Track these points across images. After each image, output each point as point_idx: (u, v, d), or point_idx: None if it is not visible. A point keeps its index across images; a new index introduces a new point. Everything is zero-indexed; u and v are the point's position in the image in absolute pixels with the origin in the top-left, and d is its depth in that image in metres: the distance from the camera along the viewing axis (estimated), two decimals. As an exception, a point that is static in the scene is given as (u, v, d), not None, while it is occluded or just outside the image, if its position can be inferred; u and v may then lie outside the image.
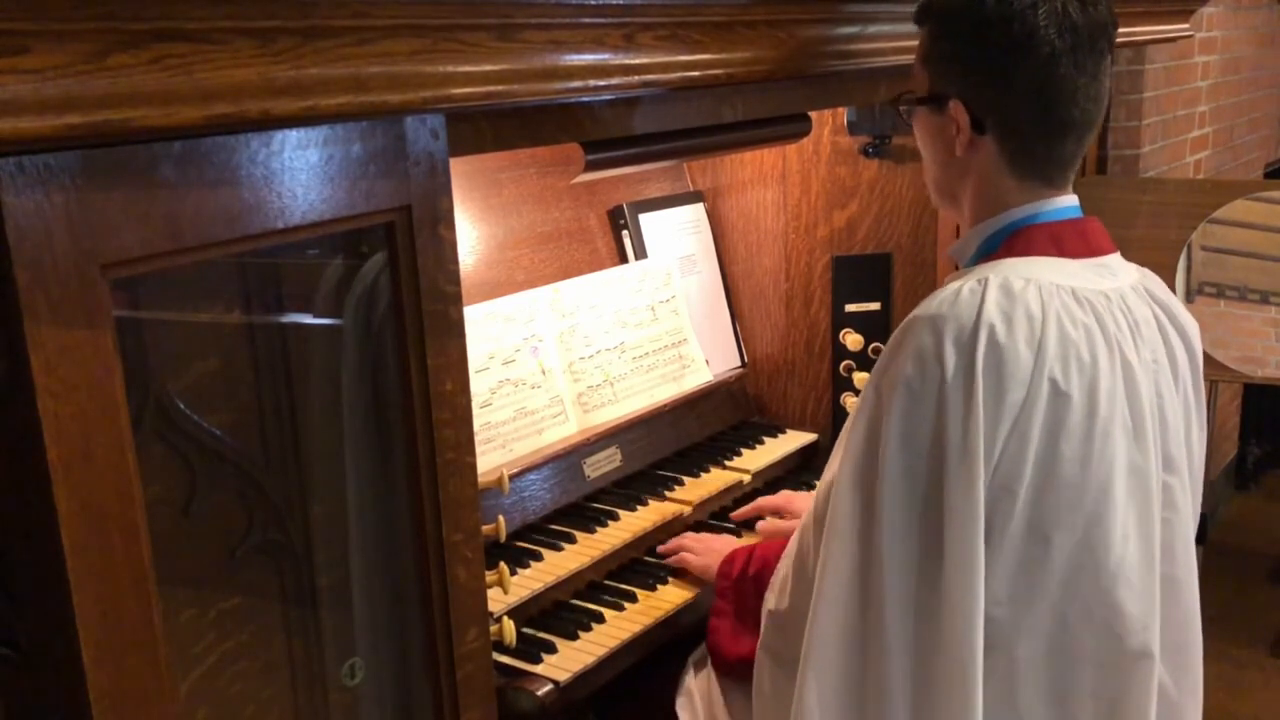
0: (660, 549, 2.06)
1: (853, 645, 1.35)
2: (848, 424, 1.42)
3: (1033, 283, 1.32)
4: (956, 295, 1.32)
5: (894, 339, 1.35)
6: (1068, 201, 1.44)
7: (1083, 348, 1.31)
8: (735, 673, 1.75)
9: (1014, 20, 1.32)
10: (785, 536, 2.05)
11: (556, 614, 1.87)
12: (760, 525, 2.13)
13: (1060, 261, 1.38)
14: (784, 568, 1.56)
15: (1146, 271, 1.50)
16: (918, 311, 1.34)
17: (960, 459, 1.28)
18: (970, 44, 1.37)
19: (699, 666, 1.88)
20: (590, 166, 1.84)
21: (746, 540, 2.04)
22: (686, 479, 2.25)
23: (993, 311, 1.29)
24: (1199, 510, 1.52)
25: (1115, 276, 1.42)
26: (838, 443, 1.46)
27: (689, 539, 2.04)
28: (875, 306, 2.49)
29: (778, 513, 2.13)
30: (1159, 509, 1.41)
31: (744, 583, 1.77)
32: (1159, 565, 1.41)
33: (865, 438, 1.35)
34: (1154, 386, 1.40)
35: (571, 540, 2.00)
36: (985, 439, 1.27)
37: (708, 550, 1.96)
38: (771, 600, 1.57)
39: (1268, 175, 4.90)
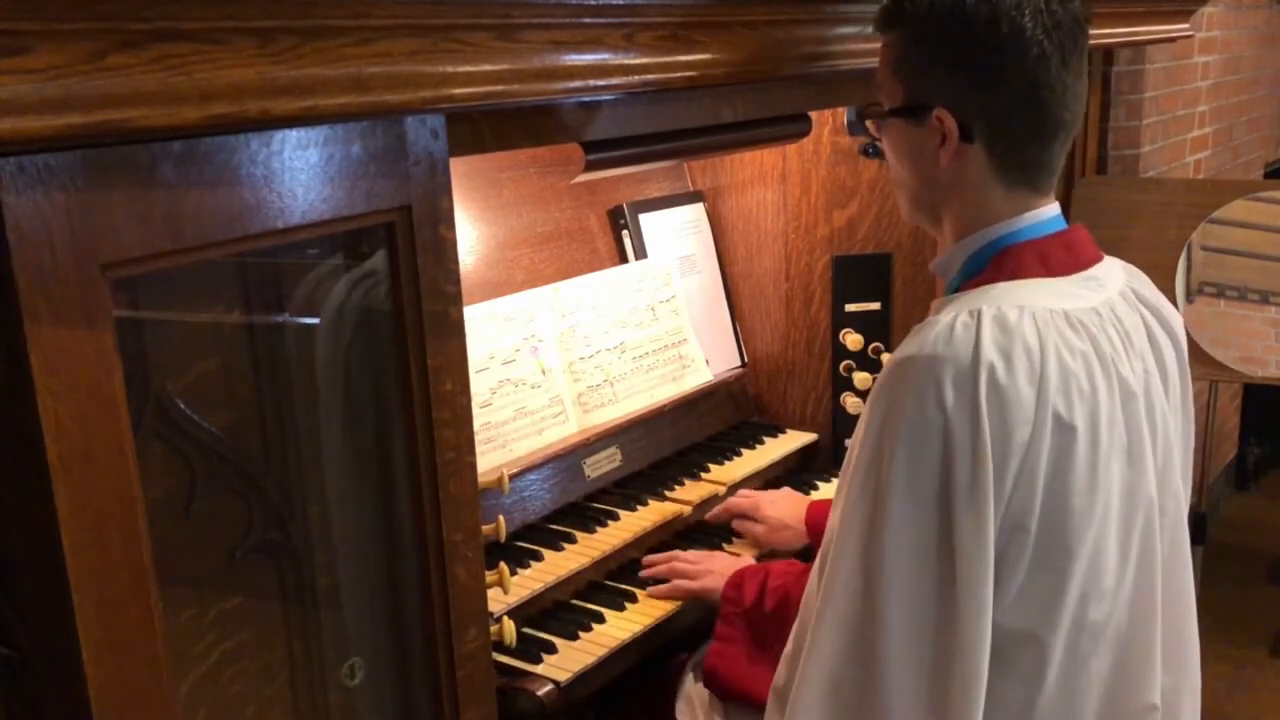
0: (645, 563, 1.99)
1: (843, 695, 1.31)
2: (845, 472, 1.36)
3: (1027, 311, 1.28)
4: (951, 332, 1.26)
5: (888, 380, 1.30)
6: (1051, 212, 1.40)
7: (1082, 377, 1.28)
8: (732, 702, 1.71)
9: (1000, 20, 1.28)
10: (760, 540, 2.05)
11: (556, 614, 1.87)
12: (737, 525, 2.12)
13: (1049, 282, 1.34)
14: (794, 642, 1.46)
15: (1132, 269, 1.47)
16: (910, 351, 1.28)
17: (969, 502, 1.24)
18: (955, 47, 1.32)
19: (699, 673, 1.87)
20: (590, 166, 1.83)
21: (744, 557, 2.00)
22: (686, 479, 2.25)
23: (990, 349, 1.24)
24: (1189, 495, 1.51)
25: (1104, 288, 1.39)
26: (836, 492, 1.40)
27: (682, 559, 1.96)
28: (875, 306, 2.49)
29: (749, 516, 2.11)
30: (1159, 528, 1.39)
31: (760, 616, 1.71)
32: (1159, 583, 1.40)
33: (862, 487, 1.30)
34: (1147, 396, 1.38)
35: (571, 540, 2.00)
36: (995, 479, 1.24)
37: (707, 572, 1.89)
38: (782, 675, 1.46)
39: (1268, 175, 4.90)
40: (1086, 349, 1.30)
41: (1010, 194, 1.37)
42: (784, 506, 2.09)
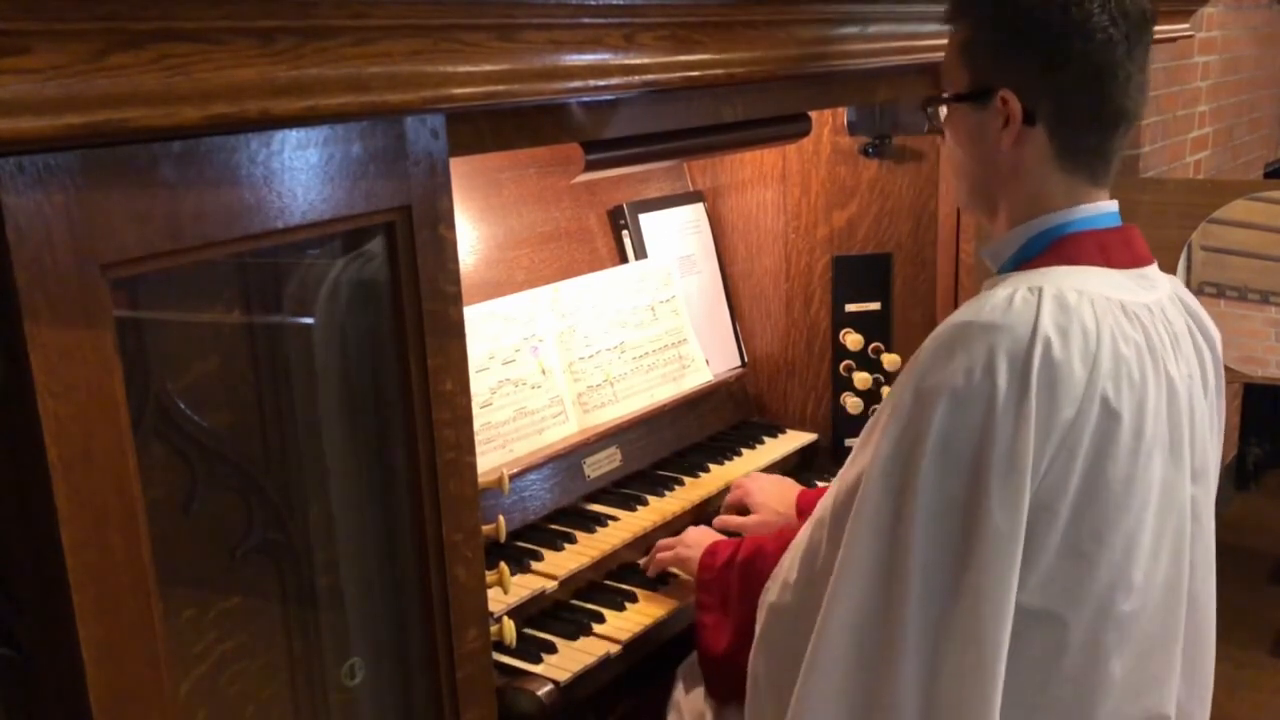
0: (641, 563, 2.00)
1: (865, 650, 1.31)
2: (875, 422, 1.36)
3: (1086, 296, 1.28)
4: (1009, 303, 1.27)
5: (940, 342, 1.29)
6: (1110, 207, 1.41)
7: (1134, 366, 1.28)
8: (725, 678, 1.69)
9: (1070, 6, 1.31)
10: (750, 530, 2.03)
11: (556, 614, 1.87)
12: (717, 520, 2.09)
13: (1107, 272, 1.35)
14: (789, 560, 1.50)
15: (1175, 279, 1.47)
16: (968, 316, 1.29)
17: (1006, 474, 1.24)
18: (1024, 30, 1.34)
19: (688, 681, 1.85)
20: (590, 166, 1.84)
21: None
22: (686, 479, 2.25)
23: (1048, 324, 1.25)
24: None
25: (1155, 288, 1.39)
26: (860, 442, 1.40)
27: (662, 541, 1.99)
28: (875, 306, 2.49)
29: (744, 510, 2.10)
30: (1189, 527, 1.39)
31: (730, 570, 1.72)
32: (1185, 588, 1.39)
33: (898, 440, 1.29)
34: (1189, 400, 1.37)
35: (572, 540, 2.00)
36: (1034, 455, 1.24)
37: (681, 543, 1.92)
38: (773, 593, 1.51)
39: (1268, 175, 4.90)
40: (1140, 340, 1.31)
41: (1069, 182, 1.39)
42: (772, 492, 2.08)
